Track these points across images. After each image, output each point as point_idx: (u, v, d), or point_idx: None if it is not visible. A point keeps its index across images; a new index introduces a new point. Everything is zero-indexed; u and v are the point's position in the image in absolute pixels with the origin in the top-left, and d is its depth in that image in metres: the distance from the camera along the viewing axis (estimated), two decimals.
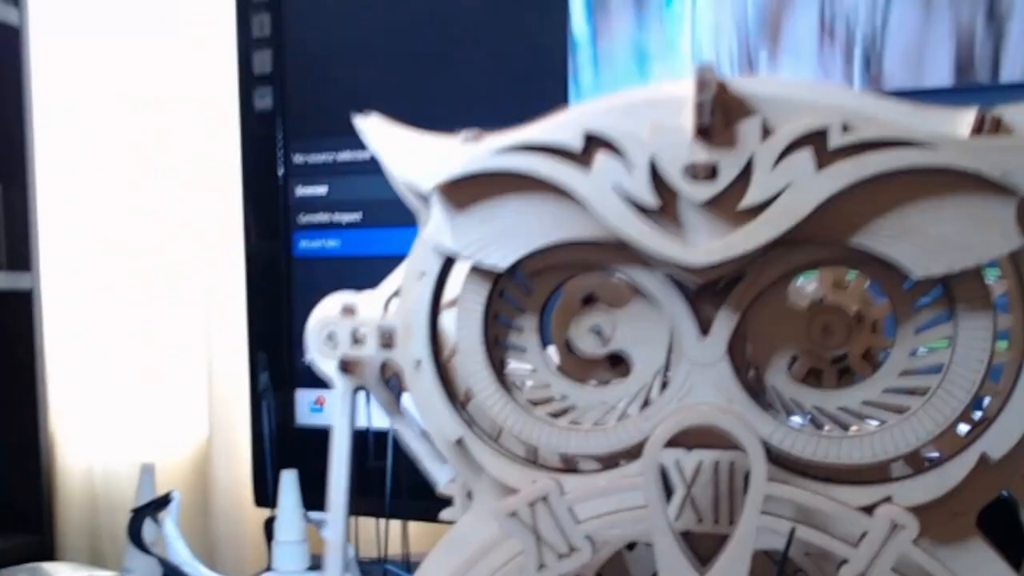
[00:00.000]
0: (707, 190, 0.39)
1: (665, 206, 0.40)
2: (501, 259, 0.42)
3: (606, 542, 0.43)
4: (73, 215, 1.49)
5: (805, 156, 0.38)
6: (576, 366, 0.46)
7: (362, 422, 1.15)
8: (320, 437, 1.29)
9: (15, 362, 1.45)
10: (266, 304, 1.27)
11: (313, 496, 1.08)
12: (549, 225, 0.42)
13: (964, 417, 0.40)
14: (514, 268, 0.43)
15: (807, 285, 0.47)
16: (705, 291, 0.42)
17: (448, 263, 0.44)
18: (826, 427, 0.42)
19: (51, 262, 1.47)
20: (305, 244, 1.24)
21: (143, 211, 1.45)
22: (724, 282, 0.41)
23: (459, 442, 0.45)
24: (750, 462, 0.40)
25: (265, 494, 1.24)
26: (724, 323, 0.41)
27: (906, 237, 0.38)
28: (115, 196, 1.47)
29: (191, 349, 1.45)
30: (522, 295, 0.44)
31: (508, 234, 0.42)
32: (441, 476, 0.51)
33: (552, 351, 0.47)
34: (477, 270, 0.43)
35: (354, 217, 1.22)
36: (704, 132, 0.39)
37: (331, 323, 0.47)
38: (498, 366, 0.44)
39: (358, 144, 1.24)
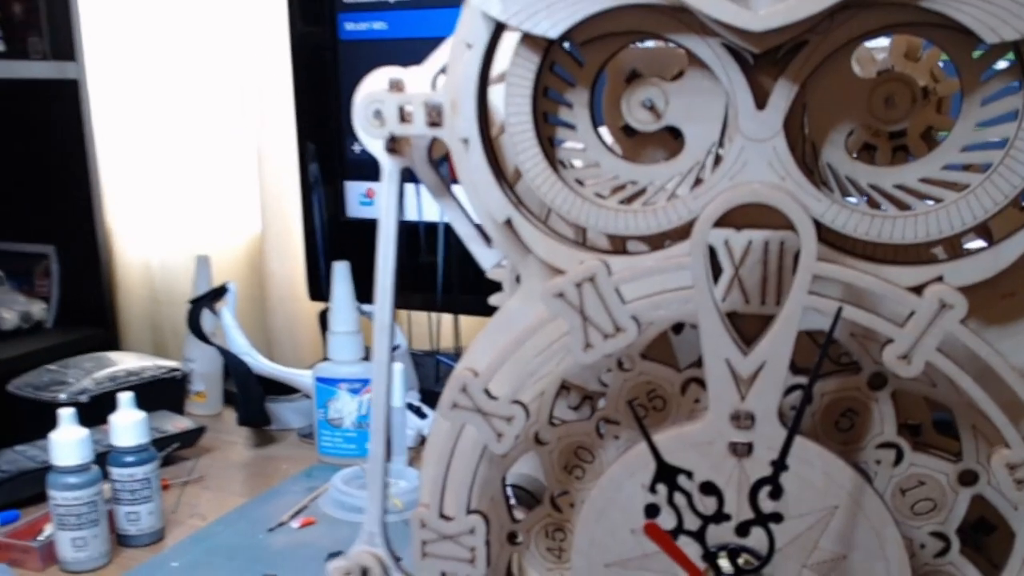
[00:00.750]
0: None
1: None
2: (552, 27, 0.41)
3: (651, 323, 0.43)
4: (116, 5, 1.46)
5: None
6: (628, 146, 0.45)
7: (415, 215, 1.16)
8: (371, 229, 1.30)
9: (66, 155, 1.45)
10: (313, 92, 1.25)
11: (365, 288, 1.10)
12: None
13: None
14: (565, 37, 0.41)
15: (877, 54, 0.45)
16: (764, 61, 0.40)
17: (497, 34, 0.43)
18: (882, 206, 0.40)
19: (96, 52, 1.46)
20: (351, 26, 1.22)
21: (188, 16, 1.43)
22: (784, 51, 0.39)
23: (507, 223, 0.44)
24: (800, 240, 0.39)
25: (319, 287, 1.26)
26: (782, 95, 0.40)
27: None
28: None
29: (241, 141, 1.45)
30: (574, 67, 0.43)
31: (559, 0, 0.40)
32: (487, 260, 0.51)
33: (604, 133, 0.46)
34: (527, 40, 0.42)
35: None
36: None
37: (377, 99, 0.46)
38: (547, 143, 0.43)
39: None
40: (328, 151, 1.22)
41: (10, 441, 0.96)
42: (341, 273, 0.98)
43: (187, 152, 1.48)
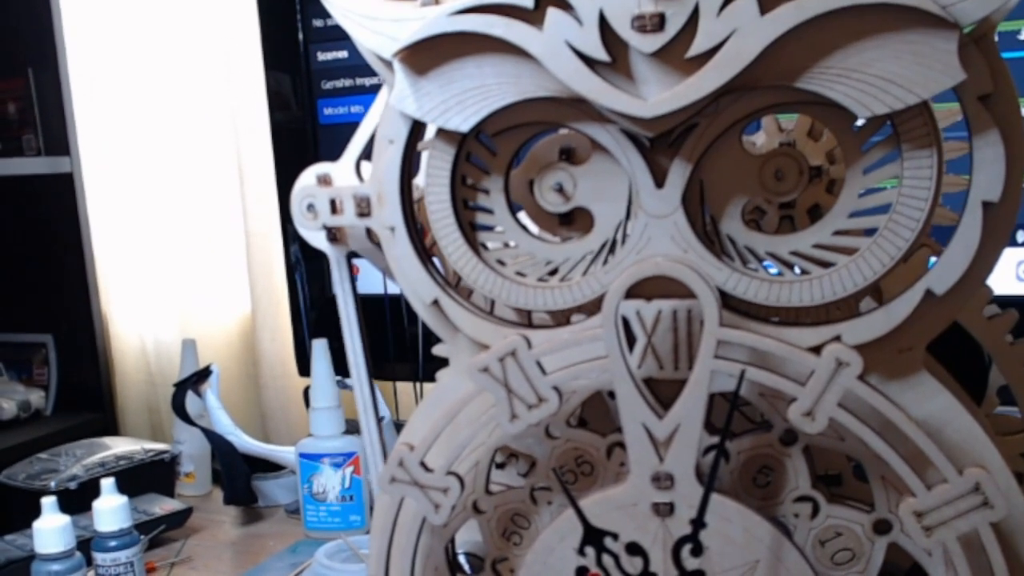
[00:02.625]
0: (655, 40, 0.40)
1: (617, 60, 0.41)
2: (463, 122, 0.43)
3: (573, 392, 0.45)
4: (105, 96, 1.51)
5: (749, 2, 0.38)
6: (547, 223, 0.48)
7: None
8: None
9: (62, 245, 1.49)
10: (294, 174, 1.28)
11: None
12: (507, 85, 0.42)
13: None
14: (478, 130, 0.44)
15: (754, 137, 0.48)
16: (659, 144, 0.42)
17: (416, 128, 0.45)
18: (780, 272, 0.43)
19: (87, 144, 1.50)
20: (330, 111, 1.25)
21: (172, 87, 1.47)
22: (677, 134, 0.42)
23: (435, 303, 0.47)
24: (703, 309, 0.41)
25: (307, 365, 1.28)
26: (678, 173, 0.42)
27: (849, 78, 0.39)
28: (143, 75, 1.48)
29: (229, 224, 1.48)
30: (487, 156, 0.45)
31: (468, 96, 0.43)
32: None
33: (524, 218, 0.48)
34: (442, 134, 0.45)
35: (377, 80, 1.22)
36: None
37: (309, 193, 0.48)
38: (468, 228, 0.46)
39: None
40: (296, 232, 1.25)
41: (2, 531, 0.98)
42: (319, 350, 1.01)
43: (178, 237, 1.51)
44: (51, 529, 0.81)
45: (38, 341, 1.55)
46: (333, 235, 0.50)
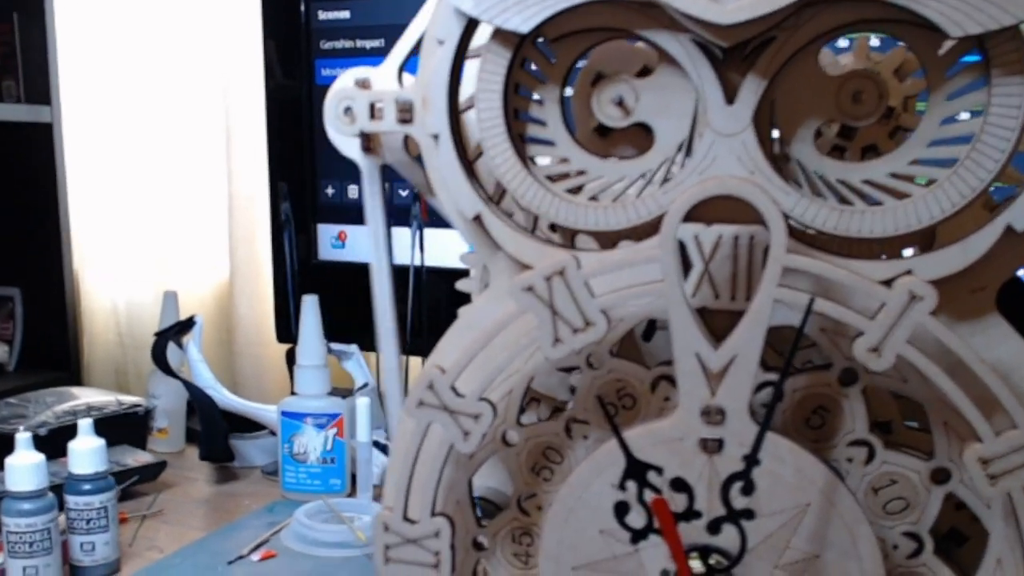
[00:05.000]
0: None
1: None
2: (523, 22, 0.41)
3: (621, 318, 0.43)
4: (91, 47, 1.47)
5: None
6: (598, 146, 0.45)
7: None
8: (341, 271, 1.30)
9: (38, 197, 1.45)
10: (287, 135, 1.25)
11: (334, 328, 1.09)
12: None
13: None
14: (536, 34, 0.42)
15: (840, 57, 0.46)
16: (733, 56, 0.40)
17: (469, 30, 0.43)
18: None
19: (70, 95, 1.45)
20: (327, 72, 1.22)
21: (160, 41, 1.43)
22: (753, 46, 0.40)
23: (477, 218, 0.44)
24: (770, 232, 0.39)
25: (287, 329, 1.25)
26: (751, 89, 0.40)
27: None
28: (132, 27, 1.44)
29: (211, 185, 1.45)
30: (545, 63, 0.43)
31: None
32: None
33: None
34: (498, 36, 0.42)
35: (377, 43, 1.20)
36: None
37: (348, 95, 0.46)
38: (518, 139, 0.43)
39: None
40: (300, 194, 1.22)
41: None
42: (310, 306, 0.98)
43: (156, 196, 1.47)
44: (25, 466, 0.77)
45: (5, 294, 1.50)
46: (367, 144, 0.48)
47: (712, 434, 0.41)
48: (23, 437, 0.78)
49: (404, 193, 1.20)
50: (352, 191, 1.23)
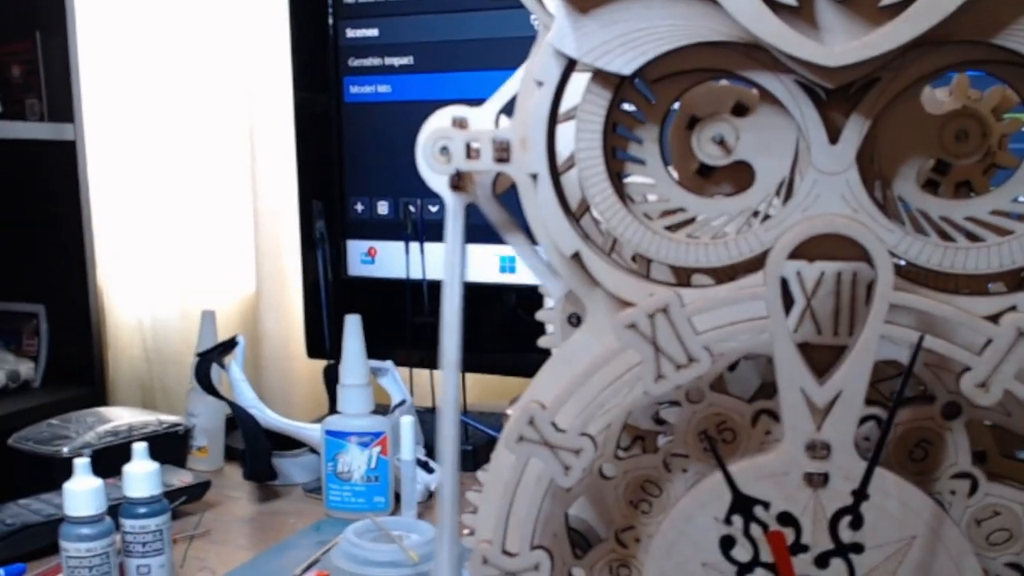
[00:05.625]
0: None
1: (802, 5, 0.39)
2: (625, 64, 0.41)
3: (722, 354, 0.43)
4: (114, 63, 1.47)
5: None
6: (693, 184, 0.46)
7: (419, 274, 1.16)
8: (371, 287, 1.30)
9: (61, 214, 1.45)
10: (316, 152, 1.26)
11: (367, 344, 1.09)
12: (677, 27, 0.41)
13: None
14: (635, 75, 0.42)
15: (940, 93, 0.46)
16: (836, 96, 0.41)
17: (567, 72, 0.43)
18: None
19: (93, 111, 1.46)
20: (356, 89, 1.23)
21: (185, 57, 1.44)
22: (856, 87, 0.40)
23: (575, 256, 0.45)
24: (876, 270, 0.40)
25: (319, 346, 1.26)
26: (855, 129, 0.41)
27: None
28: (156, 43, 1.45)
29: (236, 200, 1.45)
30: (644, 104, 0.43)
31: (633, 38, 0.41)
32: (556, 291, 0.51)
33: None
34: (598, 77, 0.43)
35: (406, 61, 1.20)
36: None
37: (445, 135, 0.46)
38: (616, 178, 0.44)
39: None
40: (329, 210, 1.23)
41: (11, 495, 0.94)
42: (353, 326, 0.98)
43: (180, 212, 1.48)
44: (84, 491, 0.77)
45: (30, 311, 1.50)
46: (456, 182, 0.48)
47: (817, 468, 0.42)
48: (81, 462, 0.79)
49: (435, 209, 1.21)
50: (381, 207, 1.24)
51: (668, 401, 0.47)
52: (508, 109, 0.48)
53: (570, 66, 0.43)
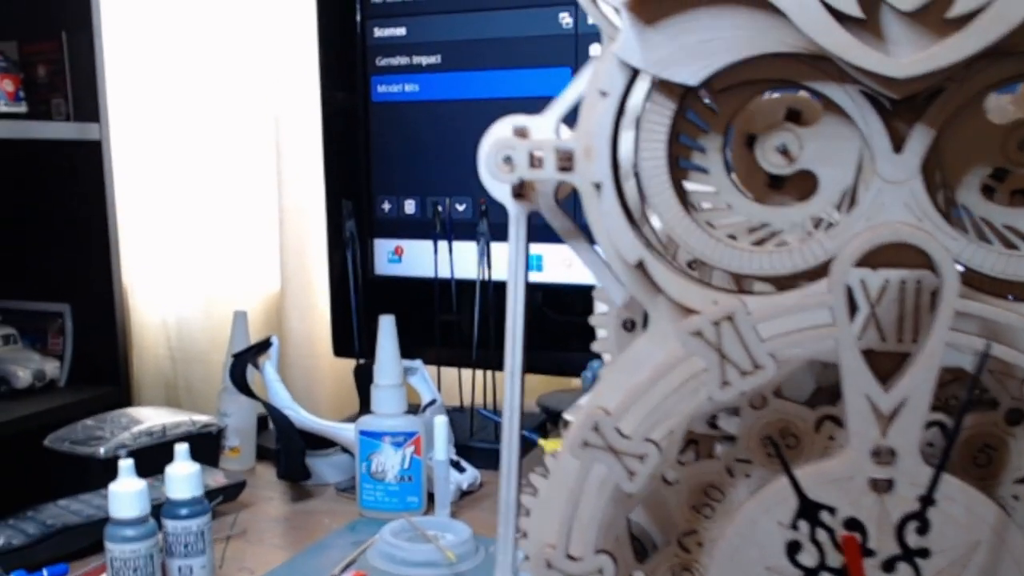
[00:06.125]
0: None
1: (868, 17, 0.39)
2: (692, 75, 0.42)
3: (786, 361, 0.44)
4: (139, 62, 1.48)
5: None
6: (754, 193, 0.46)
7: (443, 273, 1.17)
8: (398, 287, 1.31)
9: (86, 214, 1.45)
10: (343, 151, 1.27)
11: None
12: (744, 38, 0.41)
13: None
14: (699, 85, 0.43)
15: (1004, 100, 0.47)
16: (901, 106, 0.41)
17: (631, 82, 0.44)
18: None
19: (119, 111, 1.46)
20: (383, 88, 1.24)
21: (210, 56, 1.44)
22: (921, 97, 0.41)
23: (639, 264, 0.45)
24: (942, 277, 0.40)
25: (347, 345, 1.27)
26: (919, 139, 0.41)
27: None
28: (183, 42, 1.45)
29: (260, 198, 1.46)
30: (708, 114, 0.44)
31: (700, 49, 0.42)
32: (618, 297, 0.51)
33: None
34: (663, 87, 0.43)
35: (433, 60, 1.21)
36: None
37: (508, 145, 0.47)
38: (680, 187, 0.44)
39: None
40: (357, 209, 1.23)
41: (48, 495, 0.95)
42: (387, 327, 0.99)
43: (206, 211, 1.49)
44: (129, 493, 0.78)
45: (55, 310, 1.51)
46: (518, 191, 0.49)
47: (883, 474, 0.42)
48: (126, 464, 0.79)
49: (461, 208, 1.21)
50: (408, 206, 1.24)
51: (727, 408, 0.48)
52: (567, 118, 0.48)
53: (634, 76, 0.44)
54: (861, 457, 0.42)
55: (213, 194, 1.48)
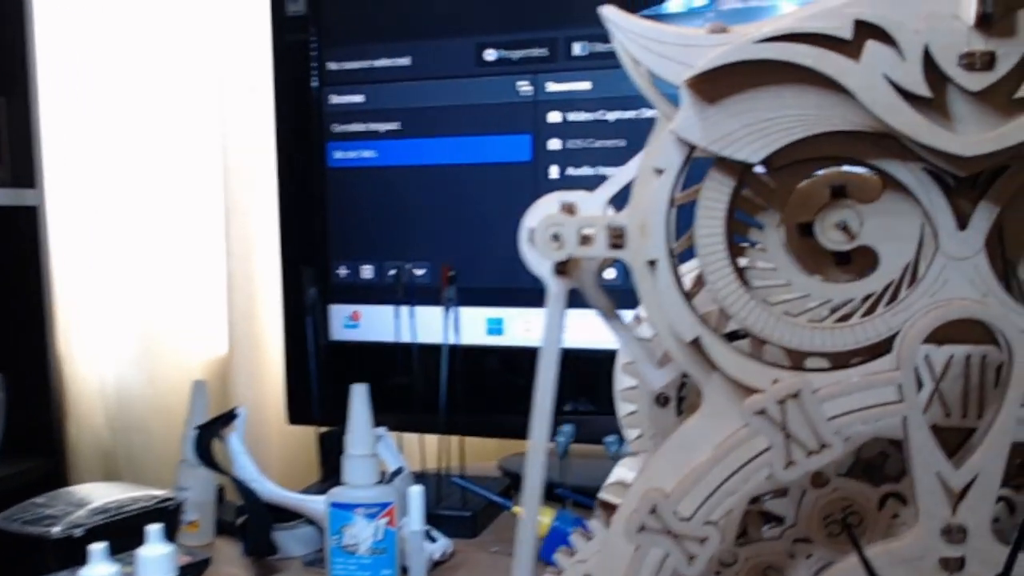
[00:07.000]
0: (984, 79, 0.39)
1: (935, 96, 0.39)
2: (753, 152, 0.42)
3: (851, 439, 0.43)
4: (80, 128, 1.44)
5: None
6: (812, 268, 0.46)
7: (404, 338, 1.15)
8: (355, 352, 1.28)
9: (22, 281, 1.41)
10: (299, 216, 1.25)
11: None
12: (807, 116, 0.41)
13: None
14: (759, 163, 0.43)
15: None
16: (963, 185, 0.41)
17: (688, 159, 0.43)
18: None
19: (57, 175, 1.42)
20: (340, 155, 1.22)
21: (158, 116, 1.41)
22: (984, 175, 0.41)
23: (694, 342, 0.44)
24: (1012, 352, 0.40)
25: (303, 411, 1.24)
26: (983, 216, 0.41)
27: None
28: (128, 101, 1.42)
29: (205, 264, 1.43)
30: (765, 191, 0.44)
31: (762, 127, 0.41)
32: (656, 380, 0.50)
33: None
34: (721, 164, 0.43)
35: (392, 126, 1.20)
36: (984, 20, 0.38)
37: (557, 221, 0.46)
38: (737, 265, 0.44)
39: (396, 51, 1.22)
40: (314, 274, 1.21)
41: None
42: (360, 395, 0.96)
43: (148, 276, 1.45)
44: None
45: None
46: (561, 268, 0.48)
47: (954, 552, 0.42)
48: (97, 548, 0.76)
49: (420, 272, 1.20)
50: (366, 271, 1.23)
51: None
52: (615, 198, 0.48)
53: (690, 154, 0.43)
54: (931, 536, 0.42)
55: (158, 260, 1.44)
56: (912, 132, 0.40)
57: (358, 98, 1.21)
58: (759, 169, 0.44)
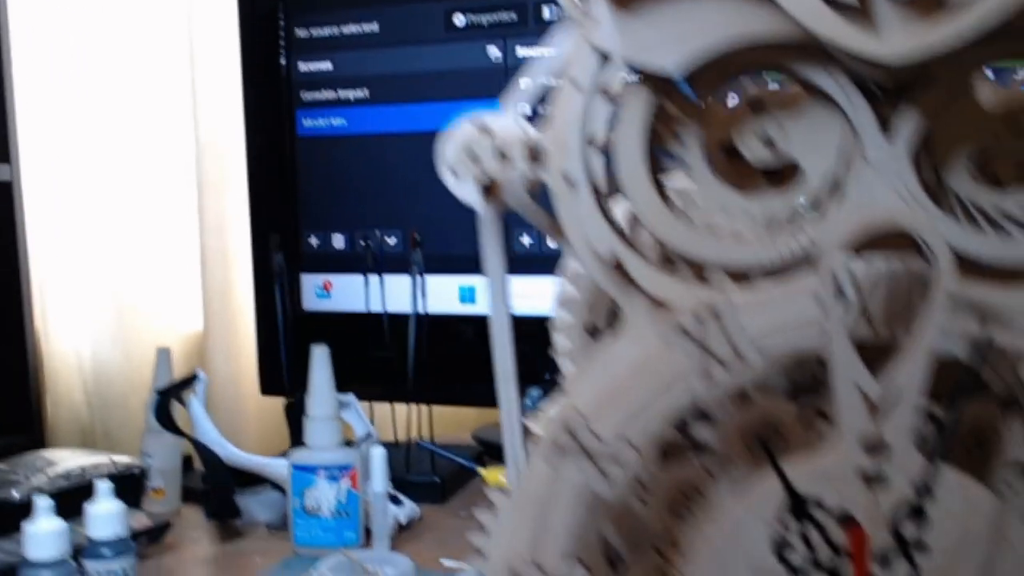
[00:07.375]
0: None
1: (861, 4, 0.38)
2: (671, 61, 0.41)
3: (771, 355, 0.42)
4: (54, 103, 1.43)
5: None
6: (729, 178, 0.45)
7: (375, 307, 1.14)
8: (327, 322, 1.27)
9: None
10: (269, 186, 1.24)
11: None
12: (727, 25, 0.40)
13: None
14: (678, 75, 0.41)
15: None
16: (887, 93, 0.40)
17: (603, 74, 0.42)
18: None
19: (32, 150, 1.41)
20: (309, 123, 1.21)
21: (133, 94, 1.41)
22: (909, 81, 0.40)
23: (613, 259, 0.43)
24: (935, 262, 0.39)
25: (276, 382, 1.23)
26: (908, 122, 0.40)
27: None
28: (101, 76, 1.41)
29: (181, 239, 1.42)
30: (684, 104, 0.43)
31: (679, 35, 0.40)
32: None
33: None
34: (639, 77, 0.42)
35: (361, 94, 1.19)
36: None
37: (472, 141, 0.45)
38: (656, 180, 0.43)
39: (364, 16, 1.21)
40: (284, 245, 1.21)
41: None
42: (321, 357, 0.96)
43: (124, 251, 1.44)
44: (47, 533, 0.74)
45: None
46: (487, 190, 0.47)
47: (875, 467, 0.41)
48: (43, 503, 0.75)
49: (392, 241, 1.19)
50: (337, 240, 1.22)
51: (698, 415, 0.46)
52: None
53: (607, 65, 0.42)
54: (853, 450, 0.41)
55: (133, 235, 1.43)
56: (837, 38, 0.38)
57: (326, 65, 1.20)
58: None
